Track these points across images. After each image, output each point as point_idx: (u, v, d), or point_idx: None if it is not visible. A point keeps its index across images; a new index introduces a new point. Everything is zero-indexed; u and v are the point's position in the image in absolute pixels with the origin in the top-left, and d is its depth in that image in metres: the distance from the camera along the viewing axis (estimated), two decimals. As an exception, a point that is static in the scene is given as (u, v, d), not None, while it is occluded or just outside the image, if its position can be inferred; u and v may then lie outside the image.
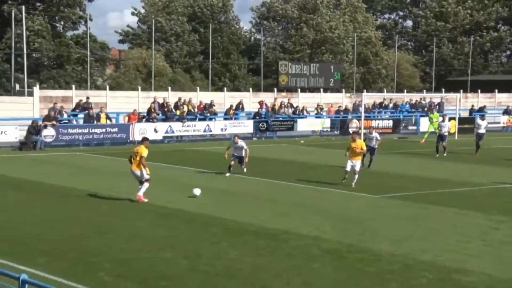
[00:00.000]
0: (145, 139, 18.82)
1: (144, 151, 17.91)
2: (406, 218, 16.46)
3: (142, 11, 61.01)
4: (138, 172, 17.96)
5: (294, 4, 63.03)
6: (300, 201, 18.62)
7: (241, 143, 22.92)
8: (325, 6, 61.77)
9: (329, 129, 43.21)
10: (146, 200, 17.76)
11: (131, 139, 35.09)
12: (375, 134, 25.66)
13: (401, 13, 78.82)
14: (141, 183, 18.02)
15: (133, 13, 61.33)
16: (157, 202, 18.04)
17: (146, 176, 17.83)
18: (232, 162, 22.97)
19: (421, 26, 71.71)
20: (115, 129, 35.01)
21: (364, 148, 21.46)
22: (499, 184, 22.35)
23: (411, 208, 17.70)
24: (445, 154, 30.50)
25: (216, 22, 59.70)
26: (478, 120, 33.80)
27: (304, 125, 42.24)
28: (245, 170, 23.10)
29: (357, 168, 21.11)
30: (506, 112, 50.07)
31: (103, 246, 13.14)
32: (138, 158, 17.82)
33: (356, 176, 20.92)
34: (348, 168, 21.04)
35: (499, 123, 49.55)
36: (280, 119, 41.53)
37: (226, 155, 23.13)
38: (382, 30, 69.37)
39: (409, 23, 78.27)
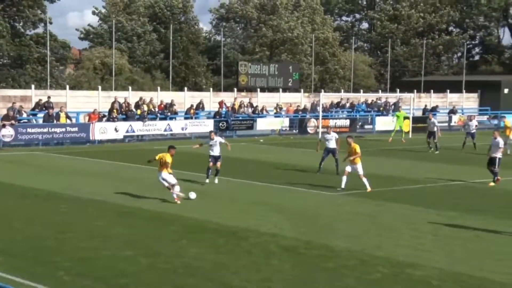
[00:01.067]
0: (170, 147, 18.86)
1: (168, 157, 18.11)
2: (362, 215, 16.84)
3: (103, 10, 60.61)
4: (167, 176, 18.00)
5: (253, 5, 63.39)
6: (259, 199, 18.87)
7: (217, 138, 21.54)
8: (284, 8, 62.29)
9: (288, 128, 43.66)
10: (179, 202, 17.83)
11: (91, 138, 34.93)
12: (333, 134, 24.45)
13: (357, 16, 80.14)
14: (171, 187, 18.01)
15: (94, 12, 60.87)
16: (117, 201, 18.11)
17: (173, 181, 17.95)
18: (211, 164, 21.35)
19: (376, 29, 73.01)
20: (75, 129, 34.80)
21: (358, 150, 20.36)
22: (450, 181, 22.98)
23: (367, 205, 18.11)
24: (436, 152, 32.21)
25: (177, 22, 59.63)
26: (468, 121, 35.79)
27: (263, 124, 42.58)
28: (216, 180, 21.42)
29: (360, 171, 20.20)
30: (452, 111, 51.42)
31: (62, 245, 13.16)
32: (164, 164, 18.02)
33: (364, 179, 20.18)
34: (345, 176, 20.35)
35: (450, 122, 50.62)
36: (240, 118, 41.78)
37: (197, 145, 22.29)
38: (340, 32, 70.38)
39: (365, 25, 79.66)
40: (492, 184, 21.85)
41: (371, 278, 11.41)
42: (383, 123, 45.82)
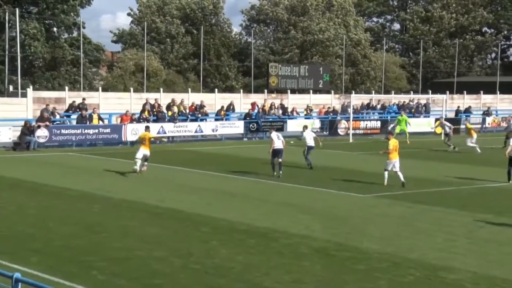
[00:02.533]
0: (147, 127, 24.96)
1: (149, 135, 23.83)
2: (393, 217, 16.73)
3: (137, 12, 61.34)
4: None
5: (284, 7, 63.42)
6: (289, 200, 18.86)
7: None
8: (314, 9, 62.17)
9: (318, 130, 43.52)
10: None
11: (123, 139, 35.28)
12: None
13: (388, 17, 79.65)
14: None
15: (129, 14, 61.63)
16: (149, 201, 18.27)
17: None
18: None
19: (408, 30, 72.47)
20: (108, 130, 35.21)
21: (390, 147, 21.48)
22: (484, 183, 22.70)
23: (398, 208, 17.98)
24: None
25: (208, 24, 59.95)
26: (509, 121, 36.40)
27: (294, 126, 42.49)
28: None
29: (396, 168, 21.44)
30: (486, 113, 50.78)
31: (96, 245, 13.31)
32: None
33: (400, 174, 21.28)
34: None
35: (483, 124, 49.98)
36: (270, 120, 41.79)
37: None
38: (371, 33, 70.05)
39: (396, 26, 79.16)
40: None
41: (404, 281, 11.32)
42: (415, 124, 45.33)
